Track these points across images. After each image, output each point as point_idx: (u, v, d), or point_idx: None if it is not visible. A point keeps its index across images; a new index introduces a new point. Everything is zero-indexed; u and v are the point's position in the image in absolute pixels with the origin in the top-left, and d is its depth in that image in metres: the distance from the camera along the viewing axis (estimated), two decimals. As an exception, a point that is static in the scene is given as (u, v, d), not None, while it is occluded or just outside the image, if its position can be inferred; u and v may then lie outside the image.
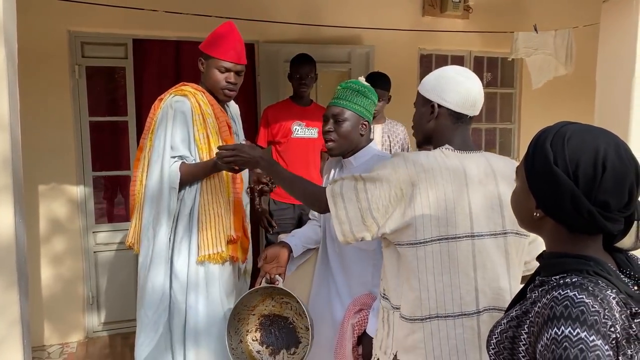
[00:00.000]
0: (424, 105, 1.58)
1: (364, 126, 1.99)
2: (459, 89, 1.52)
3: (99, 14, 3.54)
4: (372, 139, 2.09)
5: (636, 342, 0.92)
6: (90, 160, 3.74)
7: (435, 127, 1.56)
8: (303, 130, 3.46)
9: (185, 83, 2.30)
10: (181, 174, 2.11)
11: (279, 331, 2.01)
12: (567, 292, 0.89)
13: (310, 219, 2.33)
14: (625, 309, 0.91)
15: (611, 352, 0.85)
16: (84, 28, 3.63)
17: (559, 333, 0.84)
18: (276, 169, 1.87)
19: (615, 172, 0.93)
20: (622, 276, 0.98)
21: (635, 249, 1.06)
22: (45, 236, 3.67)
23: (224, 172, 2.20)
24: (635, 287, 0.99)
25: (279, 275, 2.03)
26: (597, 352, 0.82)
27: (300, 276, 2.31)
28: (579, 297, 0.87)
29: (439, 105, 1.54)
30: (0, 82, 1.67)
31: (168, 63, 3.94)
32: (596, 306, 0.86)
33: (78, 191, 3.72)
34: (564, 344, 0.83)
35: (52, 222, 3.69)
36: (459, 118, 1.54)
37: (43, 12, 3.47)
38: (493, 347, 1.03)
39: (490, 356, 1.05)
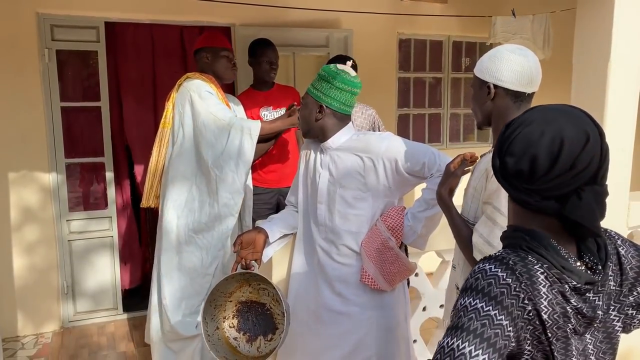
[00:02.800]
0: (480, 87, 1.57)
1: (320, 110, 1.98)
2: (513, 66, 1.49)
3: (69, -4, 3.44)
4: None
5: (578, 316, 0.93)
6: (63, 146, 3.65)
7: (493, 108, 1.55)
8: (272, 114, 3.38)
9: (199, 72, 2.80)
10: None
11: (256, 317, 1.99)
12: (484, 266, 0.93)
13: (286, 204, 2.31)
14: (560, 283, 0.92)
15: (511, 324, 0.87)
16: (53, 10, 3.51)
17: (462, 303, 0.89)
18: (448, 206, 1.66)
19: (524, 135, 0.95)
20: (563, 252, 0.95)
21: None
22: (17, 225, 3.59)
23: None
24: (579, 263, 0.97)
25: (255, 261, 2.00)
26: (486, 320, 0.85)
27: (278, 262, 2.29)
28: (493, 270, 0.91)
29: (495, 86, 1.52)
30: (-39, 63, 1.60)
31: (142, 47, 3.85)
32: (508, 280, 0.89)
33: (50, 178, 3.63)
34: (460, 312, 0.88)
35: (24, 211, 3.60)
36: (517, 96, 1.52)
37: (10, -7, 3.36)
38: None
39: None
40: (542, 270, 0.92)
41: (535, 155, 0.93)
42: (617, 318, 1.01)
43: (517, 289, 0.88)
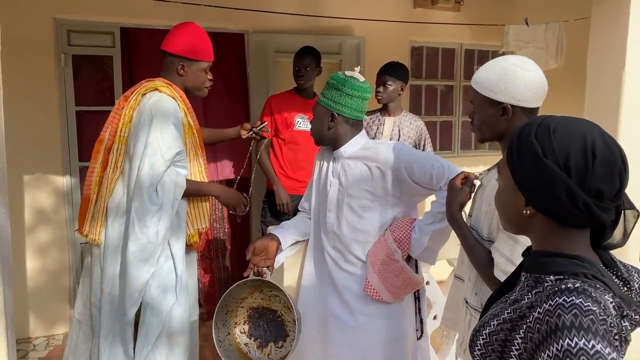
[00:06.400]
0: (492, 106, 1.51)
1: (332, 119, 1.99)
2: (530, 84, 1.46)
3: (86, 1, 3.48)
4: (362, 129, 2.07)
5: (624, 344, 0.91)
6: (77, 150, 3.69)
7: (509, 127, 1.50)
8: (305, 124, 3.42)
9: (165, 82, 2.28)
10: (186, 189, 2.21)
11: (267, 324, 2.00)
12: (572, 300, 0.85)
13: (299, 210, 2.32)
14: (619, 312, 0.90)
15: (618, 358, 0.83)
16: (70, 15, 3.56)
17: (572, 345, 0.81)
18: (460, 225, 1.62)
19: (604, 159, 0.91)
20: (613, 277, 0.95)
21: (624, 243, 1.04)
22: (31, 227, 3.62)
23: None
24: (625, 288, 0.97)
25: (267, 267, 2.01)
26: None
27: (289, 268, 2.30)
28: (585, 304, 0.84)
29: (512, 105, 1.48)
30: (-18, 69, 1.63)
31: (157, 52, 3.87)
32: (602, 314, 0.84)
33: (64, 182, 3.67)
34: (581, 357, 0.80)
35: (38, 213, 3.64)
36: (532, 112, 1.51)
37: (28, -1, 3.41)
38: (479, 348, 1.01)
39: (474, 356, 1.02)
40: (611, 300, 0.89)
41: (620, 171, 0.92)
42: None
43: (610, 325, 0.85)
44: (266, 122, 2.72)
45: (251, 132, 2.59)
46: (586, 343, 0.80)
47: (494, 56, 5.04)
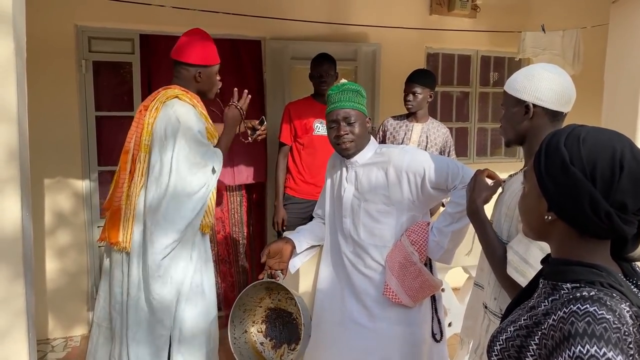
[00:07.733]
0: (516, 105, 1.54)
1: (368, 123, 2.04)
2: (553, 86, 1.48)
3: (106, 9, 3.54)
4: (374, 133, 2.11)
5: None
6: (96, 154, 3.75)
7: (530, 128, 1.52)
8: (324, 129, 3.46)
9: (182, 90, 2.38)
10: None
11: (283, 326, 2.02)
12: (586, 307, 0.86)
13: (314, 216, 2.33)
14: (636, 321, 0.90)
15: None
16: (91, 23, 3.63)
17: (584, 352, 0.82)
18: (483, 221, 1.61)
19: (632, 172, 0.92)
20: (632, 287, 0.96)
21: None
22: (51, 229, 3.69)
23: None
24: None
25: (281, 270, 2.03)
26: None
27: (305, 273, 2.32)
28: (599, 312, 0.85)
29: (534, 105, 1.50)
30: (10, 75, 1.68)
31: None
32: (616, 322, 0.85)
33: (83, 185, 3.73)
34: None
35: (57, 216, 3.70)
36: (554, 116, 1.50)
37: (50, 6, 3.48)
38: (496, 353, 1.02)
39: None
40: (627, 309, 0.90)
41: (622, 162, 0.92)
42: None
43: (625, 333, 0.85)
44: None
45: (253, 133, 2.65)
46: (597, 350, 0.81)
47: (510, 63, 5.05)
